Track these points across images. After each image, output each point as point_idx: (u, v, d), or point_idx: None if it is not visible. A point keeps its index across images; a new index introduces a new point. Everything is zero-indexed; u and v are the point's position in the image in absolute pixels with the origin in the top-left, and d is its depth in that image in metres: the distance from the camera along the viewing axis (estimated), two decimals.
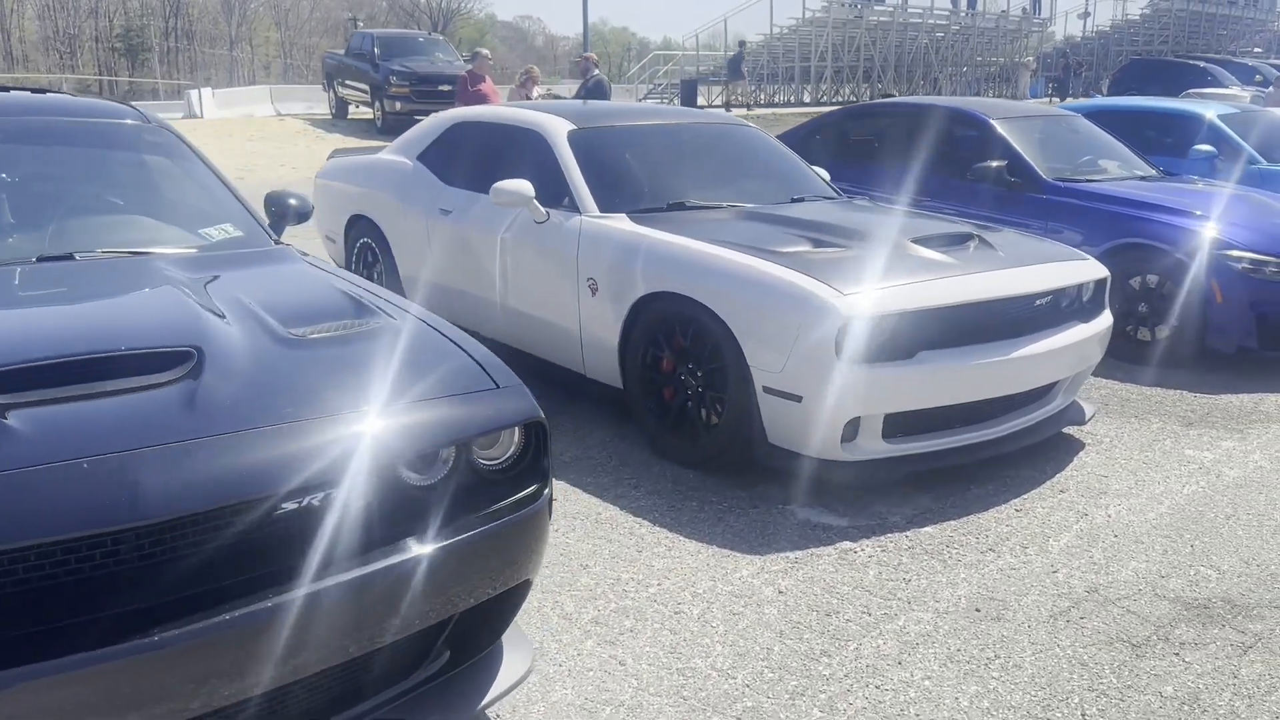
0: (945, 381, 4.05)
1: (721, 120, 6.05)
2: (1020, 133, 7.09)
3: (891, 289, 4.00)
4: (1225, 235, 5.97)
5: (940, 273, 4.18)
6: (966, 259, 4.37)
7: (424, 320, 2.74)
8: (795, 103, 31.09)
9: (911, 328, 3.98)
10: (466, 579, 2.31)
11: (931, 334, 4.04)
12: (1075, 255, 4.83)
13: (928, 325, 4.02)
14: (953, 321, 4.09)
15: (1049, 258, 4.68)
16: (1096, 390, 5.70)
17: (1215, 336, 5.95)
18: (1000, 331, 4.24)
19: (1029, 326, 4.37)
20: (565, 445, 4.67)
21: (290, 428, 2.11)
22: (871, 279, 4.03)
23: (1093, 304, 4.79)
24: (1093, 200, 6.48)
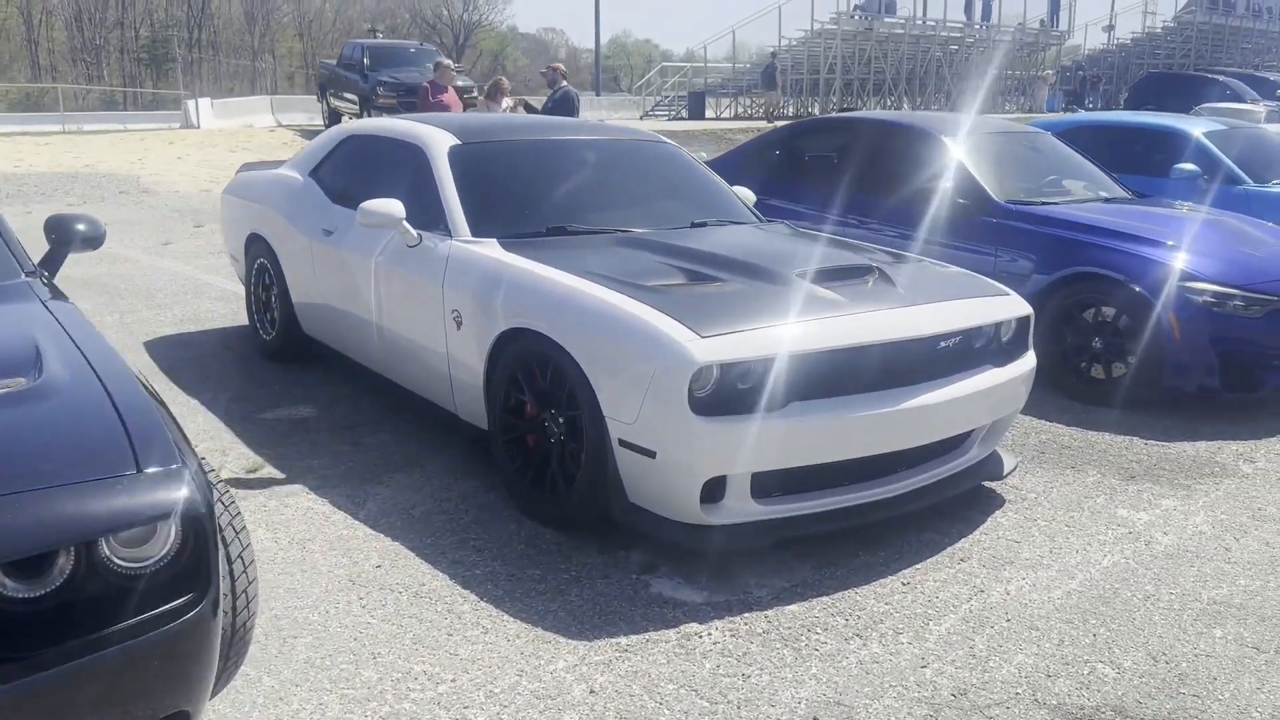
0: (821, 437, 3.55)
1: (636, 138, 5.58)
2: (973, 150, 6.57)
3: (758, 331, 3.51)
4: (1185, 265, 5.44)
5: (822, 312, 3.69)
6: (858, 296, 3.87)
7: (102, 381, 2.27)
8: (803, 116, 30.58)
9: (781, 375, 3.49)
10: (83, 713, 1.84)
11: (806, 382, 3.55)
12: (994, 290, 4.33)
13: (802, 372, 3.53)
14: (833, 368, 3.59)
15: (960, 294, 4.18)
16: (1037, 434, 5.18)
17: (1174, 375, 5.42)
18: (893, 378, 3.73)
19: (930, 372, 3.86)
20: (422, 497, 4.21)
21: None
22: (738, 319, 3.55)
23: (1014, 344, 4.28)
24: (1046, 225, 5.96)
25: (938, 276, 4.37)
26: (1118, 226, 5.81)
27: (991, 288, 4.35)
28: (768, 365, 3.46)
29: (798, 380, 3.53)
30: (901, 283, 4.08)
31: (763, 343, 3.47)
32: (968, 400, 3.95)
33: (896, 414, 3.67)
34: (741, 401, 3.45)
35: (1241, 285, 5.37)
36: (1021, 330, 4.30)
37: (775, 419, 3.47)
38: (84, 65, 70.86)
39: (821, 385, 3.58)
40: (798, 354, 3.50)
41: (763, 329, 3.52)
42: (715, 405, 3.42)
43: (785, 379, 3.50)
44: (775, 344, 3.48)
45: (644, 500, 3.63)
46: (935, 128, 6.70)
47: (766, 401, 3.47)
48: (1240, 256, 5.62)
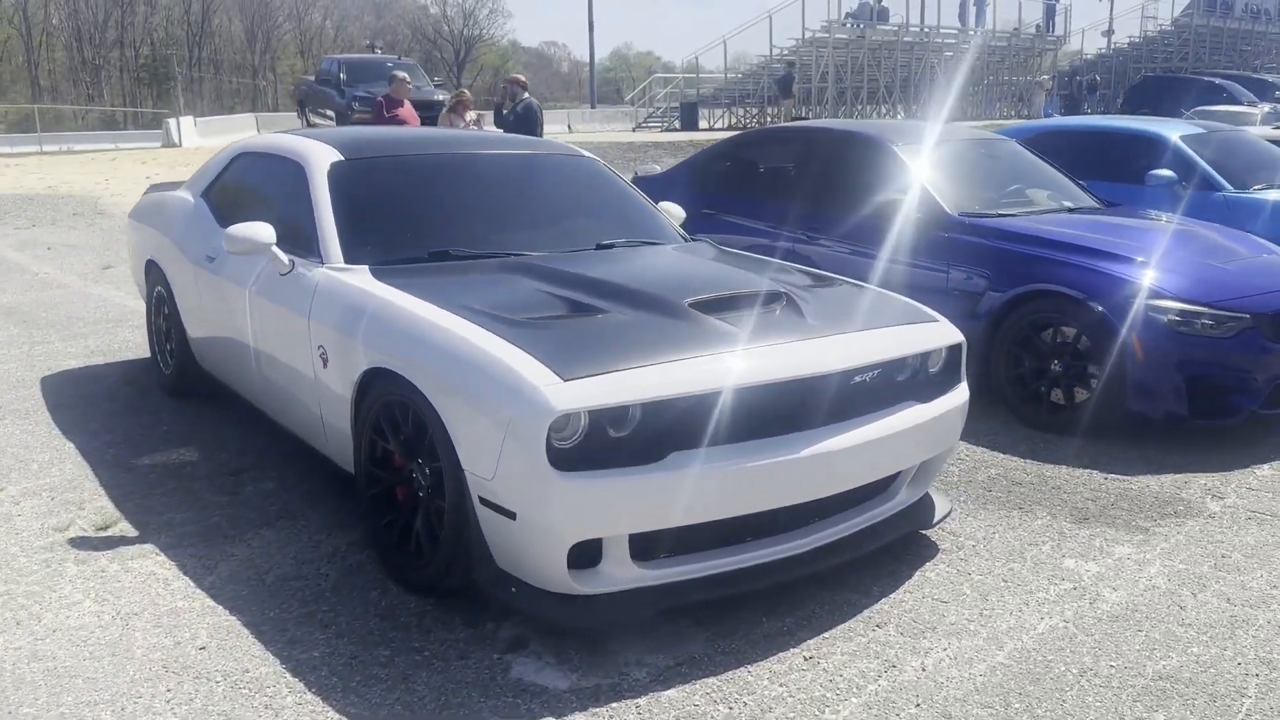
0: (708, 492, 3.10)
1: (551, 152, 5.13)
2: (927, 160, 6.12)
3: (634, 371, 3.05)
4: (1148, 281, 4.98)
5: (713, 347, 3.23)
6: (759, 327, 3.42)
7: None
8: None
9: (659, 421, 3.05)
10: None
11: (691, 428, 3.10)
12: (922, 317, 3.87)
13: (684, 417, 3.08)
14: (723, 411, 3.14)
15: (882, 322, 3.72)
16: (987, 469, 4.72)
17: (1139, 401, 4.95)
18: (797, 420, 3.28)
19: (843, 411, 3.41)
20: (284, 558, 3.76)
21: None
22: (613, 357, 3.10)
23: (944, 376, 3.82)
24: (1001, 239, 5.50)
25: (859, 302, 3.91)
26: (1077, 240, 5.35)
27: (919, 314, 3.89)
28: (644, 410, 3.02)
29: (681, 427, 3.08)
30: (814, 311, 3.62)
31: (639, 384, 3.03)
32: (889, 441, 3.50)
33: (800, 462, 3.22)
34: (614, 453, 3.00)
35: (1210, 302, 4.90)
36: (953, 360, 3.85)
37: (654, 473, 3.02)
38: (84, 85, 70.90)
39: (710, 431, 3.12)
40: (679, 397, 3.05)
41: (640, 368, 3.07)
42: (582, 458, 2.97)
43: (665, 425, 3.06)
44: (654, 385, 3.04)
45: (511, 566, 3.18)
46: (888, 137, 6.25)
47: (643, 452, 3.03)
48: (1210, 271, 5.16)
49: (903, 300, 4.01)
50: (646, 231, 4.69)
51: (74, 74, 72.42)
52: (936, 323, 3.85)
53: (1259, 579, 3.65)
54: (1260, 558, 3.82)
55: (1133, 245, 5.30)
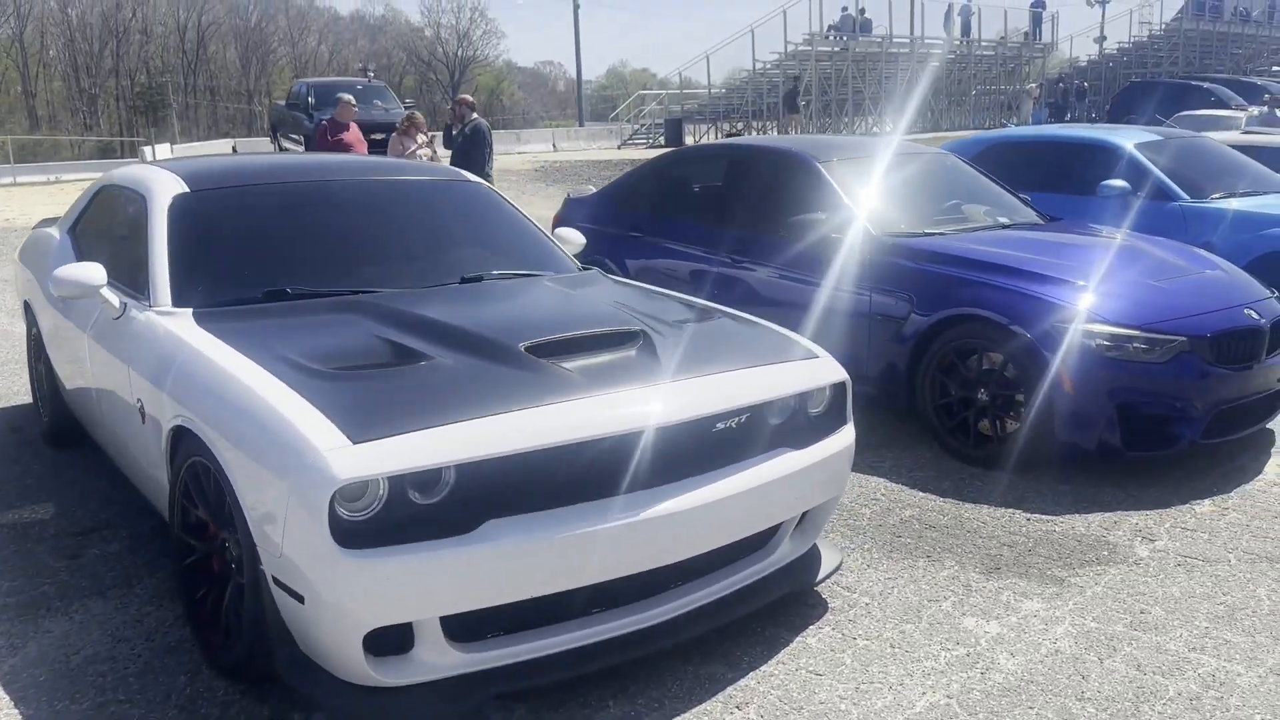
0: (529, 564, 2.73)
1: (431, 177, 4.76)
2: (853, 177, 5.77)
3: (442, 429, 2.69)
4: (1076, 302, 4.61)
5: (544, 397, 2.87)
6: (604, 372, 3.05)
7: None
8: None
9: (473, 486, 2.68)
10: None
11: (510, 493, 2.74)
12: (801, 353, 3.51)
13: (503, 480, 2.72)
14: (549, 472, 2.78)
15: (753, 360, 3.35)
16: (903, 509, 4.35)
17: (1069, 432, 4.58)
18: (640, 477, 2.91)
19: (702, 463, 3.05)
20: (101, 635, 3.40)
21: None
22: (422, 413, 2.74)
23: (827, 418, 3.46)
24: (926, 260, 5.14)
25: (733, 339, 3.55)
26: (1002, 259, 4.99)
27: (799, 350, 3.53)
28: (457, 473, 2.66)
29: (499, 491, 2.72)
30: (675, 352, 3.26)
31: (449, 444, 2.66)
32: (760, 493, 3.14)
33: (642, 525, 2.85)
34: (420, 524, 2.64)
35: (1143, 325, 4.54)
36: (837, 400, 3.48)
37: (465, 546, 2.65)
38: (81, 115, 70.97)
39: (532, 495, 2.76)
40: (497, 456, 2.69)
41: (451, 425, 2.70)
42: (381, 531, 2.61)
43: (481, 490, 2.69)
44: (466, 444, 2.67)
45: (312, 652, 2.82)
46: (812, 153, 5.90)
47: (454, 522, 2.66)
48: (1145, 291, 4.79)
49: (784, 335, 3.64)
50: (531, 262, 4.33)
51: (71, 103, 72.54)
52: (817, 359, 3.48)
53: (1177, 640, 3.28)
54: (1183, 613, 3.44)
55: (1063, 264, 4.94)
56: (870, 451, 5.08)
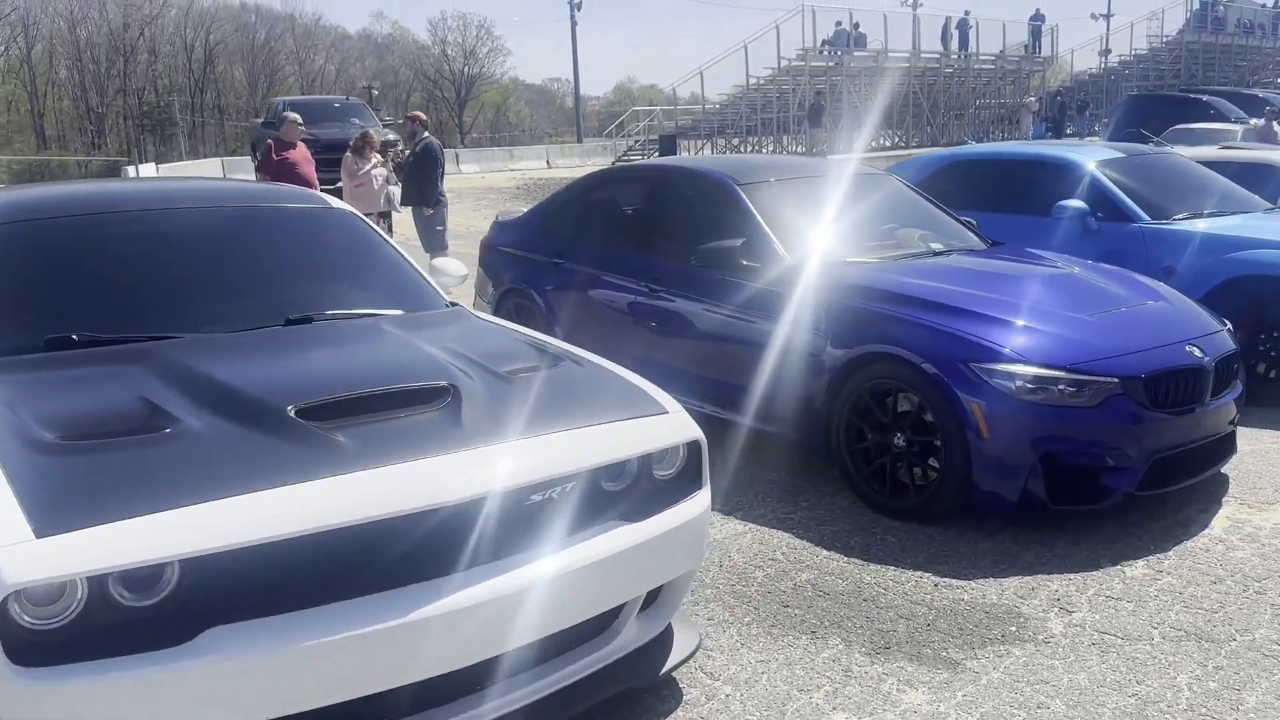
0: (261, 680, 2.29)
1: (280, 204, 4.26)
2: (774, 202, 5.35)
3: (159, 517, 2.26)
4: (993, 339, 4.18)
5: (291, 475, 2.43)
6: (383, 440, 2.62)
7: None
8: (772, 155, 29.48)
9: (197, 586, 2.26)
10: None
11: (244, 594, 2.30)
12: (649, 409, 3.07)
13: (234, 579, 2.29)
14: (294, 566, 2.35)
15: (586, 419, 2.92)
16: (799, 573, 3.91)
17: (988, 483, 4.14)
18: (424, 565, 2.48)
19: (511, 543, 2.62)
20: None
21: None
22: (141, 496, 2.31)
23: (679, 482, 3.03)
24: (842, 292, 4.71)
25: (569, 393, 3.11)
26: (922, 291, 4.56)
27: (648, 404, 3.09)
28: (175, 570, 2.23)
29: (232, 591, 2.29)
30: (488, 410, 2.84)
31: (166, 535, 2.23)
32: (588, 574, 2.72)
33: (419, 625, 2.41)
34: (130, 633, 2.21)
35: (1069, 365, 4.09)
36: (691, 462, 3.05)
37: (179, 660, 2.22)
38: (89, 134, 71.11)
39: (277, 595, 2.33)
40: (229, 548, 2.26)
41: (171, 512, 2.28)
42: (78, 643, 2.18)
43: (207, 591, 2.27)
44: (190, 535, 2.25)
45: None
46: (734, 176, 5.47)
47: (171, 630, 2.24)
48: (1075, 326, 4.35)
49: (634, 387, 3.20)
50: (387, 299, 3.91)
51: (79, 123, 72.71)
52: (666, 415, 3.05)
53: None
54: (1087, 708, 3.00)
55: (988, 297, 4.51)
56: (784, 500, 4.66)
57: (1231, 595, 3.67)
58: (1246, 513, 4.42)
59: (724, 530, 4.35)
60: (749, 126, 30.98)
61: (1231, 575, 3.83)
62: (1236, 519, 4.36)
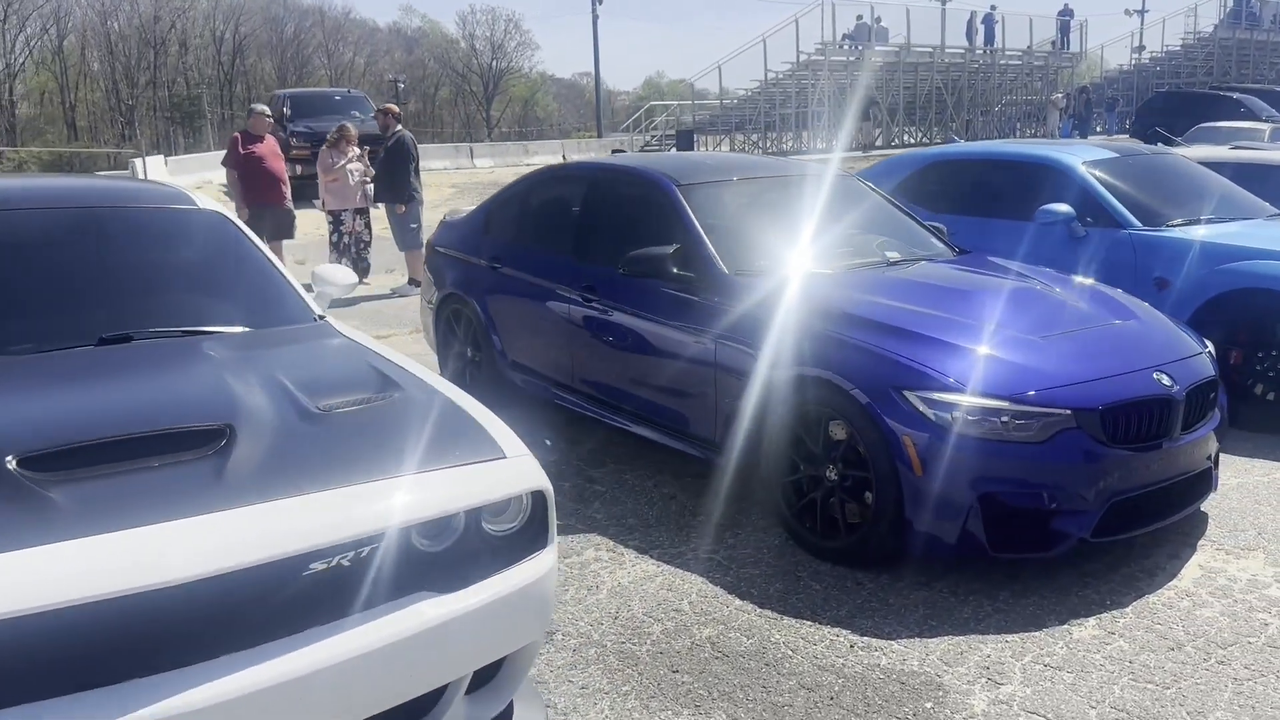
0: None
1: (133, 204, 3.81)
2: (716, 204, 4.90)
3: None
4: (933, 365, 3.71)
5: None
6: (112, 497, 2.20)
7: None
8: (791, 151, 28.96)
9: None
10: None
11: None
12: (485, 452, 2.63)
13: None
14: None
15: (401, 466, 2.48)
16: (700, 628, 3.46)
17: (924, 524, 3.67)
18: (162, 655, 2.06)
19: (278, 625, 2.19)
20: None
21: None
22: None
23: (518, 539, 2.59)
24: (772, 309, 4.25)
25: (389, 433, 2.66)
26: (859, 308, 4.10)
27: (482, 447, 2.65)
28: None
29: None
30: (272, 455, 2.42)
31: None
32: (391, 654, 2.30)
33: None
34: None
35: (1013, 395, 3.62)
36: (536, 515, 2.61)
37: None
38: (119, 126, 71.48)
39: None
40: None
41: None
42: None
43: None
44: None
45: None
46: (673, 176, 5.01)
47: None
48: (1027, 349, 3.86)
49: (474, 424, 2.76)
50: (236, 312, 3.50)
51: (111, 115, 73.11)
52: (503, 460, 2.61)
53: None
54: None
55: (933, 315, 4.04)
56: (711, 535, 4.22)
57: (1189, 666, 3.19)
58: (1222, 560, 3.93)
59: (633, 573, 3.91)
60: (768, 122, 30.42)
61: (1194, 639, 3.35)
62: (1210, 568, 3.87)
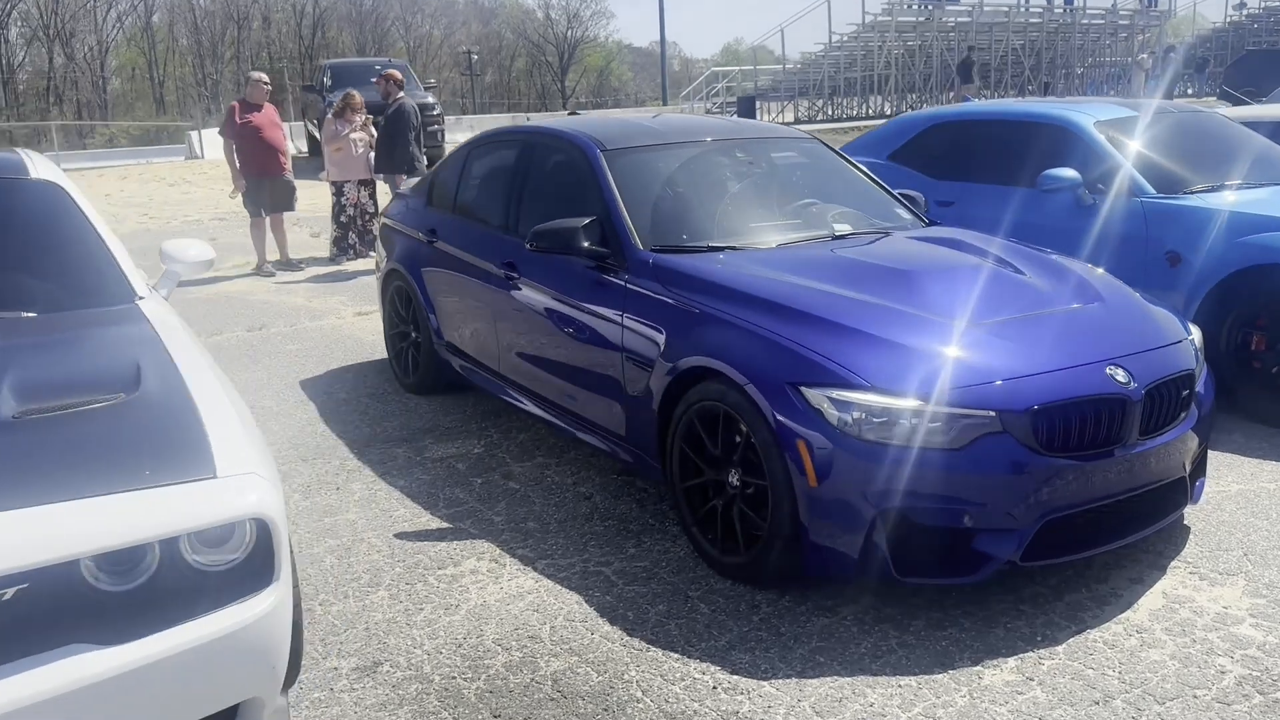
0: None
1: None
2: (642, 173, 4.38)
3: None
4: (836, 357, 3.17)
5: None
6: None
7: None
8: (857, 116, 27.99)
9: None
10: None
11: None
12: (193, 470, 2.19)
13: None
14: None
15: (74, 487, 2.06)
16: (554, 658, 3.01)
17: (824, 539, 3.15)
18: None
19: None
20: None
21: None
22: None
23: (238, 575, 2.15)
24: (684, 286, 3.75)
25: (84, 444, 2.22)
26: (773, 290, 3.56)
27: (193, 464, 2.20)
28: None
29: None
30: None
31: None
32: (46, 714, 1.88)
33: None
34: None
35: (925, 392, 3.06)
36: (260, 547, 2.17)
37: None
38: (205, 100, 72.92)
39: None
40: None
41: None
42: None
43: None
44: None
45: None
46: (599, 140, 4.51)
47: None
48: (957, 338, 3.29)
49: (194, 436, 2.30)
50: (36, 293, 3.15)
51: (198, 89, 74.60)
52: (214, 481, 2.17)
53: None
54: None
55: (856, 299, 3.48)
56: (611, 544, 3.77)
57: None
58: (1193, 587, 3.33)
59: (506, 589, 3.46)
60: (832, 87, 29.46)
61: (1128, 690, 2.79)
62: (1175, 596, 3.28)
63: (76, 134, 48.28)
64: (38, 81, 67.06)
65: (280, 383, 6.02)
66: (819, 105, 30.29)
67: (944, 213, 5.89)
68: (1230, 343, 4.91)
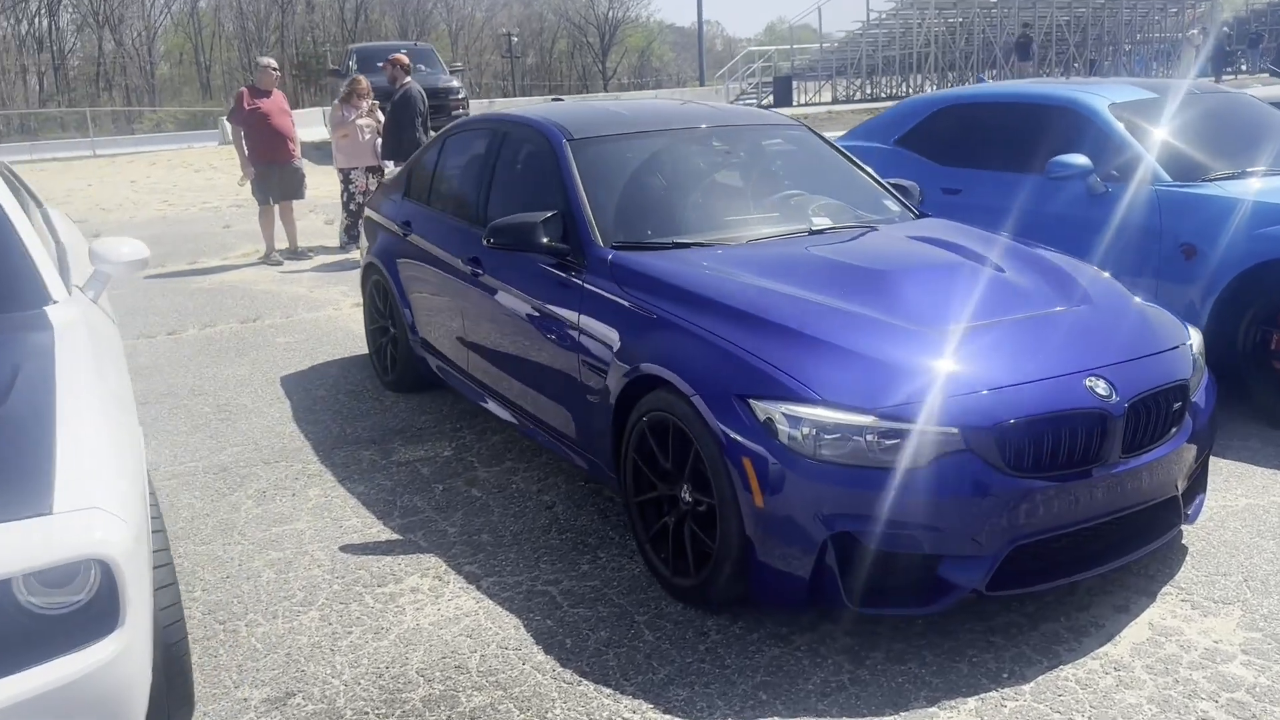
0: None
1: None
2: (609, 164, 4.14)
3: None
4: (786, 367, 2.93)
5: None
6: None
7: None
8: (896, 96, 27.42)
9: None
10: None
11: None
12: (28, 506, 2.00)
13: None
14: None
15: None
16: (475, 693, 2.80)
17: (773, 561, 2.92)
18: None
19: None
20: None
21: None
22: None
23: (79, 619, 1.96)
24: (640, 287, 3.51)
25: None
26: (729, 293, 3.31)
27: (30, 498, 2.01)
28: None
29: None
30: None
31: None
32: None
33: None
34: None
35: (883, 407, 2.80)
36: (104, 590, 1.98)
37: None
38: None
39: None
40: None
41: None
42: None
43: None
44: None
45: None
46: (565, 128, 4.26)
47: None
48: (916, 348, 3.02)
49: (48, 460, 2.11)
50: None
51: (243, 73, 75.28)
52: (48, 517, 1.97)
53: None
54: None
55: (816, 302, 3.23)
56: (565, 560, 3.56)
57: None
58: (1183, 617, 3.05)
59: (444, 610, 3.26)
60: (870, 66, 28.91)
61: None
62: (1163, 628, 3.01)
63: (125, 120, 48.92)
64: (88, 67, 67.96)
65: (262, 378, 5.86)
66: (857, 85, 29.77)
67: (951, 201, 5.59)
68: (1248, 342, 4.58)
